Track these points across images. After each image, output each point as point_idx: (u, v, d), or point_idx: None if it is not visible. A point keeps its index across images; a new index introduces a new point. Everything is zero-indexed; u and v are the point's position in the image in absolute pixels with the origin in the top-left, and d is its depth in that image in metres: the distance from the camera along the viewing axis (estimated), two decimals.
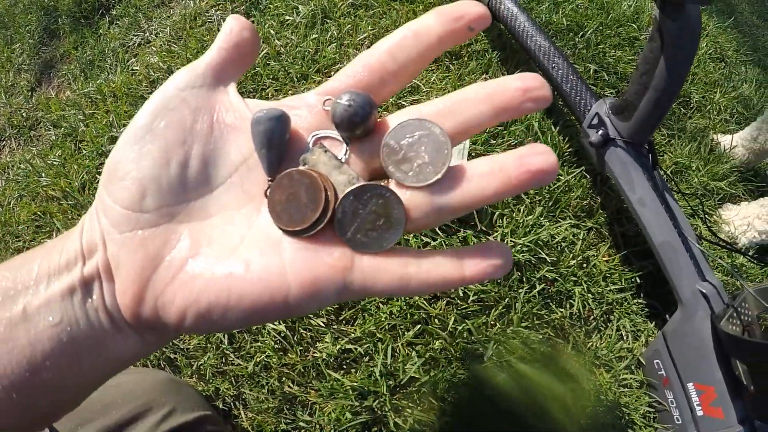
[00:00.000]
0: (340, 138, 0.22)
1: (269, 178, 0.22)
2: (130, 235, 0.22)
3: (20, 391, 0.20)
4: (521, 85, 0.21)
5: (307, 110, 0.23)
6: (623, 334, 0.70)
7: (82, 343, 0.21)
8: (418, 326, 0.62)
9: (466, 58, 0.84)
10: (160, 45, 0.93)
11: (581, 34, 0.98)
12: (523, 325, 0.65)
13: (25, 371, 0.20)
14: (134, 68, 0.92)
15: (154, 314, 0.21)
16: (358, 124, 0.21)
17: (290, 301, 0.21)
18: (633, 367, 0.68)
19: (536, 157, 0.20)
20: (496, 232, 0.69)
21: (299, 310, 0.22)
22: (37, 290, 0.21)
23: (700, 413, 0.58)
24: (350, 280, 0.21)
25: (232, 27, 0.24)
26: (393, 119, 0.22)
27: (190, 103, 0.23)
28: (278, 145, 0.22)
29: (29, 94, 1.07)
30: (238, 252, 0.22)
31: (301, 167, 0.22)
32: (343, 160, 0.22)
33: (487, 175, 0.21)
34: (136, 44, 0.98)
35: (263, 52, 0.83)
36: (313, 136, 0.22)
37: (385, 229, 0.21)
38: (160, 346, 0.27)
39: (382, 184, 0.21)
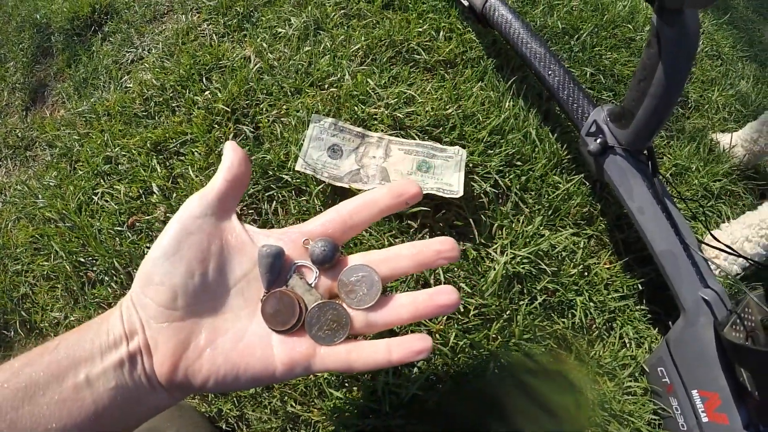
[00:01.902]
0: (313, 268, 0.35)
1: (265, 291, 0.34)
2: (165, 325, 0.31)
3: None
4: (437, 248, 0.34)
5: (291, 244, 0.35)
6: (626, 341, 0.70)
7: (129, 399, 0.30)
8: None
9: (461, 66, 0.84)
10: (153, 61, 0.92)
11: (576, 37, 0.97)
12: (525, 337, 0.64)
13: (91, 421, 0.29)
14: (128, 85, 0.92)
15: (185, 380, 0.31)
16: (327, 262, 0.34)
17: (276, 375, 0.32)
18: (637, 375, 0.67)
19: (442, 295, 0.33)
20: (495, 243, 0.68)
21: (281, 380, 0.33)
22: (94, 363, 0.30)
23: (705, 419, 0.57)
24: (313, 362, 0.33)
25: (233, 161, 0.35)
26: (351, 258, 0.35)
27: (205, 229, 0.33)
28: (275, 271, 0.34)
29: (24, 113, 1.06)
30: (244, 340, 0.33)
31: (285, 288, 0.34)
32: (313, 284, 0.35)
33: (406, 305, 0.34)
34: (129, 61, 0.98)
35: (256, 66, 0.82)
36: (295, 264, 0.35)
37: (337, 330, 0.33)
38: (183, 399, 0.42)
39: (336, 302, 0.34)
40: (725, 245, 0.68)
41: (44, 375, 0.28)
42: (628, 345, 0.69)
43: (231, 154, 0.36)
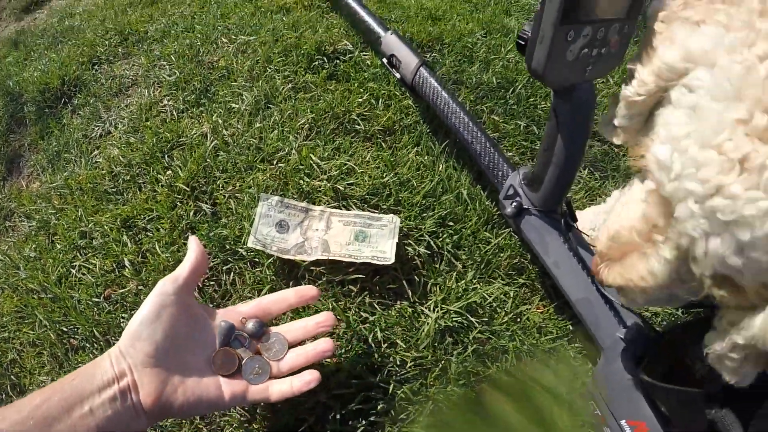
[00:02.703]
0: (247, 336, 0.59)
1: (217, 349, 0.56)
2: (149, 369, 0.49)
3: None
4: (318, 321, 0.62)
5: (235, 318, 0.59)
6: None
7: (120, 423, 0.46)
8: (363, 393, 0.70)
9: (398, 133, 0.93)
10: (120, 137, 1.00)
11: (512, 89, 1.07)
12: (460, 383, 0.73)
13: None
14: (97, 160, 1.00)
15: (164, 407, 0.49)
16: (257, 335, 0.60)
17: (223, 404, 0.54)
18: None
19: (322, 344, 0.60)
20: (430, 300, 0.77)
21: (228, 407, 0.62)
22: (94, 398, 0.45)
23: None
24: (247, 395, 0.55)
25: (196, 255, 0.57)
26: (271, 329, 0.61)
27: (177, 303, 0.53)
28: (227, 337, 0.57)
29: (1, 183, 1.14)
30: (203, 380, 0.53)
31: (228, 348, 0.57)
32: (247, 346, 0.59)
33: (301, 355, 0.60)
34: (98, 135, 1.05)
35: (213, 144, 0.91)
36: (235, 333, 0.58)
37: (261, 374, 0.57)
38: (159, 421, 0.61)
39: (261, 357, 0.58)
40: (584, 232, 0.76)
41: (57, 409, 0.43)
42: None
43: (194, 248, 0.58)
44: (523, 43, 0.54)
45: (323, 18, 1.19)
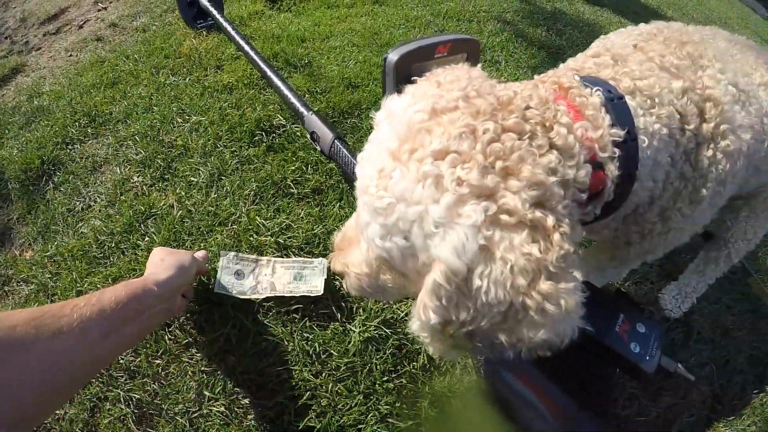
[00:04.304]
0: None
1: None
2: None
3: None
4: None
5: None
6: (468, 369, 1.06)
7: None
8: (309, 392, 0.97)
9: (325, 191, 1.21)
10: (99, 210, 1.24)
11: None
12: (384, 379, 1.01)
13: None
14: (83, 231, 1.23)
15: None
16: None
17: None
18: (479, 392, 1.03)
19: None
20: (355, 319, 1.05)
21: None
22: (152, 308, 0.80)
23: None
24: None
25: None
26: None
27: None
28: None
29: None
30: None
31: None
32: None
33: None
34: (80, 209, 1.28)
35: (179, 213, 1.16)
36: None
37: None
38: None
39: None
40: None
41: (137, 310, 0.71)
42: (470, 372, 1.06)
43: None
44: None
45: (261, 94, 1.46)
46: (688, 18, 4.57)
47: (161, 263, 0.84)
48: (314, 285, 1.04)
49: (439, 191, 0.43)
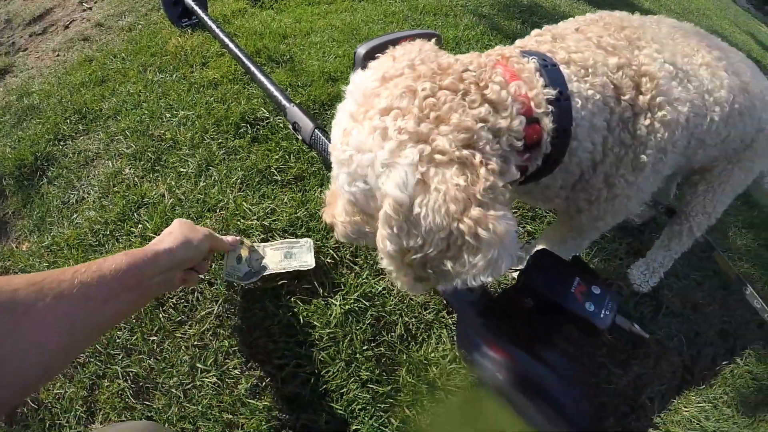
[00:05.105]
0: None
1: None
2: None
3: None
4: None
5: None
6: (443, 339, 1.14)
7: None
8: (295, 361, 1.05)
9: (307, 178, 1.29)
10: (93, 201, 1.30)
11: None
12: (364, 348, 1.09)
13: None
14: (78, 221, 1.29)
15: None
16: None
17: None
18: (456, 360, 1.11)
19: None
20: (337, 294, 1.13)
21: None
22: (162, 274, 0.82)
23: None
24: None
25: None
26: None
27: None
28: None
29: None
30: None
31: None
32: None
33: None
34: (74, 201, 1.35)
35: (170, 201, 1.23)
36: None
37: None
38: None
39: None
40: None
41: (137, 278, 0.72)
42: (444, 342, 1.14)
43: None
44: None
45: (245, 89, 1.53)
46: (666, 9, 4.67)
47: (169, 235, 0.85)
48: (304, 260, 1.11)
49: (385, 140, 0.53)
